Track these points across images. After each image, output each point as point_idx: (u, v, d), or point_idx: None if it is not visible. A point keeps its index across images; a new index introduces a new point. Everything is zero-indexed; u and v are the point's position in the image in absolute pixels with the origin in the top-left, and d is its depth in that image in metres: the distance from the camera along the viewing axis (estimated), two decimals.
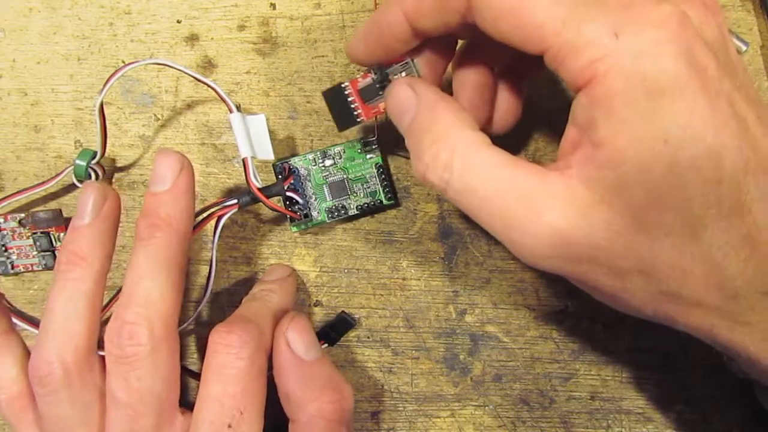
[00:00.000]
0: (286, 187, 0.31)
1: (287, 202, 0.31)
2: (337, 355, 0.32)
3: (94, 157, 0.31)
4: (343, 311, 0.32)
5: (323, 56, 0.33)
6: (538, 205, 0.20)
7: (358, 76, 0.28)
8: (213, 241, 0.29)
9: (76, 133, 0.34)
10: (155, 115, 0.34)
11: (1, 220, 0.32)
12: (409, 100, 0.24)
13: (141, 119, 0.34)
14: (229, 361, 0.25)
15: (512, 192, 0.21)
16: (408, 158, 0.33)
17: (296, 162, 0.31)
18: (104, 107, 0.31)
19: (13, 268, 0.33)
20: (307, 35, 0.34)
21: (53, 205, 0.33)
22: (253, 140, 0.29)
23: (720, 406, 0.31)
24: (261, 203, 0.29)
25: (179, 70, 0.30)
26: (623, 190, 0.19)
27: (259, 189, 0.29)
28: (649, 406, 0.32)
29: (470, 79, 0.27)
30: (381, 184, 0.31)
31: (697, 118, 0.18)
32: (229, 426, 0.24)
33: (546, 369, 0.32)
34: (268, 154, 0.29)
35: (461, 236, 0.32)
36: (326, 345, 0.31)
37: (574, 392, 0.32)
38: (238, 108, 0.30)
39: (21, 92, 0.34)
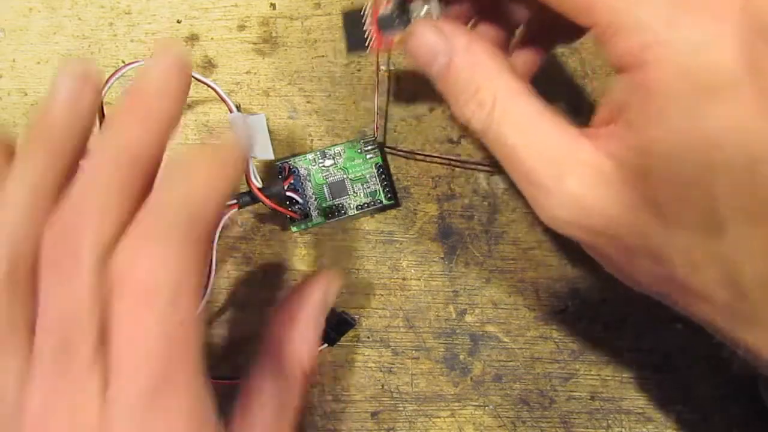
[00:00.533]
0: (286, 187, 0.31)
1: (287, 202, 0.31)
2: (337, 355, 0.32)
3: None
4: (342, 311, 0.32)
5: (323, 56, 0.33)
6: (562, 167, 0.20)
7: (382, 3, 0.27)
8: (213, 241, 0.29)
9: None
10: None
11: None
12: (438, 44, 0.23)
13: None
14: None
15: (540, 148, 0.21)
16: (408, 158, 0.33)
17: (296, 162, 0.32)
18: (104, 107, 0.30)
19: None
20: (307, 35, 0.34)
21: None
22: (253, 140, 0.29)
23: (720, 406, 0.31)
24: (261, 203, 0.29)
25: None
26: (648, 177, 0.19)
27: (259, 189, 0.29)
28: (649, 406, 0.32)
29: (488, 35, 0.26)
30: (381, 184, 0.31)
31: (744, 122, 0.17)
32: None
33: (546, 369, 0.32)
34: (268, 153, 0.29)
35: (461, 236, 0.32)
36: (326, 345, 0.31)
37: (574, 392, 0.32)
38: (238, 108, 0.30)
39: (21, 92, 0.34)
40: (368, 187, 0.31)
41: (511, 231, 0.32)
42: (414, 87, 0.33)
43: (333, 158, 0.32)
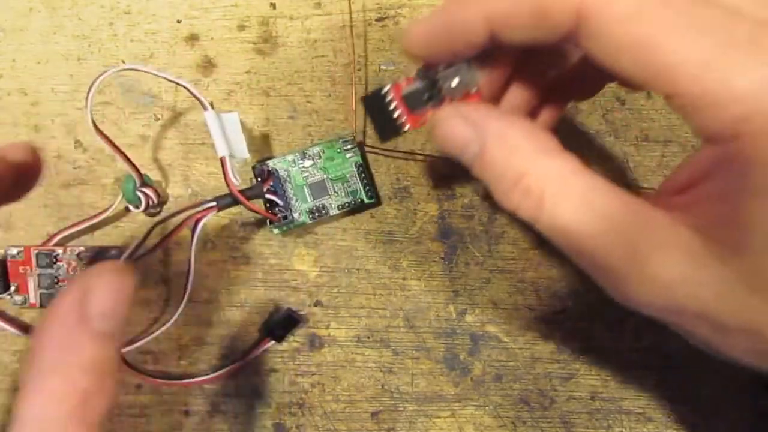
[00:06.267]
0: (265, 190, 0.30)
1: (268, 204, 0.31)
2: (337, 355, 0.32)
3: (137, 182, 0.31)
4: (290, 309, 0.32)
5: (323, 56, 0.33)
6: (639, 248, 0.18)
7: (400, 80, 0.24)
8: (191, 243, 0.28)
9: (76, 133, 0.34)
10: (155, 115, 0.34)
11: (60, 251, 0.30)
12: (466, 133, 0.21)
13: (141, 119, 0.34)
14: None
15: (609, 233, 0.18)
16: (406, 159, 0.33)
17: (275, 163, 0.31)
18: (99, 124, 0.29)
19: None
20: (307, 35, 0.34)
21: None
22: (229, 139, 0.29)
23: (720, 406, 0.31)
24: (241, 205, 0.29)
25: (149, 73, 0.30)
26: (746, 253, 0.17)
27: (240, 191, 0.29)
28: (649, 406, 0.32)
29: (521, 97, 0.25)
30: (361, 183, 0.31)
31: None
32: None
33: (546, 369, 0.32)
34: (243, 153, 0.29)
35: (461, 236, 0.32)
36: (273, 342, 0.31)
37: (575, 392, 0.32)
38: (212, 105, 0.30)
39: (21, 92, 0.34)
40: (349, 187, 0.31)
41: (511, 231, 0.32)
42: None
43: (312, 159, 0.31)
